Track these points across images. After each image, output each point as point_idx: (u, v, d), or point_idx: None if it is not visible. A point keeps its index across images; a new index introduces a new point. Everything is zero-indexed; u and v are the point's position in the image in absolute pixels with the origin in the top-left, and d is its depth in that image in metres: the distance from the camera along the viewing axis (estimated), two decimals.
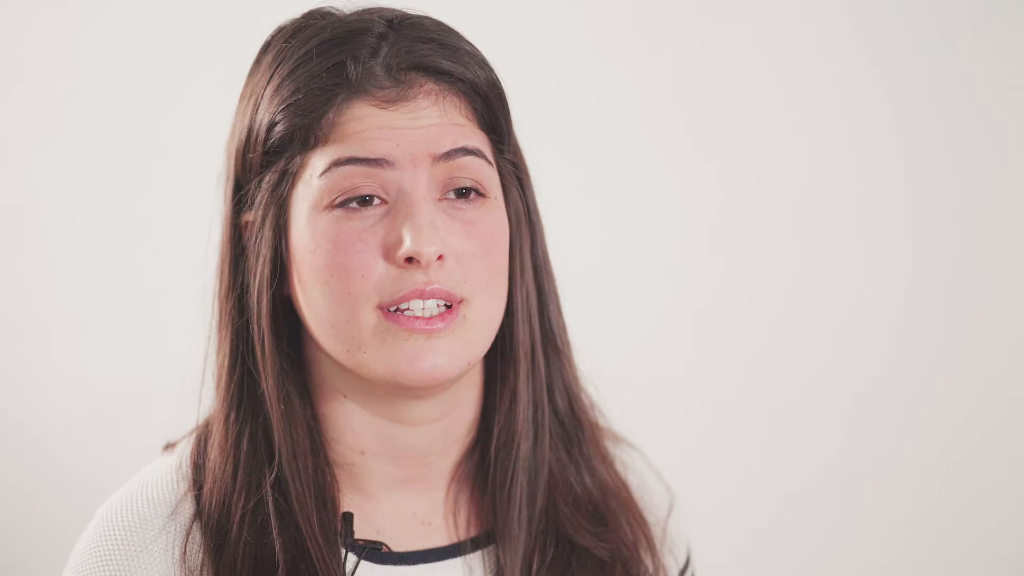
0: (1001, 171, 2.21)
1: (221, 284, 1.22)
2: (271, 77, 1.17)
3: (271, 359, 1.17)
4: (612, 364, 1.41)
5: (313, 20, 1.19)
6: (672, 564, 1.36)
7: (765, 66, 2.22)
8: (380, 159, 1.13)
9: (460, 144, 1.15)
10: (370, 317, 1.13)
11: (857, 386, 2.24)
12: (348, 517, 1.19)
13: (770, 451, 2.25)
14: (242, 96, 1.22)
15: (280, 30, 1.21)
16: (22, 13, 2.18)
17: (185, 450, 1.24)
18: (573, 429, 1.31)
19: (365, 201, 1.14)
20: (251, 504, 1.16)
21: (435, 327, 1.13)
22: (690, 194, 2.25)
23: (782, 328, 2.26)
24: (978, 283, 2.22)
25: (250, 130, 1.18)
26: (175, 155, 2.20)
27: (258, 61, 1.21)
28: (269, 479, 1.17)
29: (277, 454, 1.17)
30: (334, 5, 1.22)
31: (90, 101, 2.20)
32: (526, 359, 1.24)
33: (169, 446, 1.28)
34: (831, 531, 2.25)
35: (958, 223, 2.21)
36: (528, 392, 1.25)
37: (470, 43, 1.19)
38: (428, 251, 1.11)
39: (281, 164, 1.16)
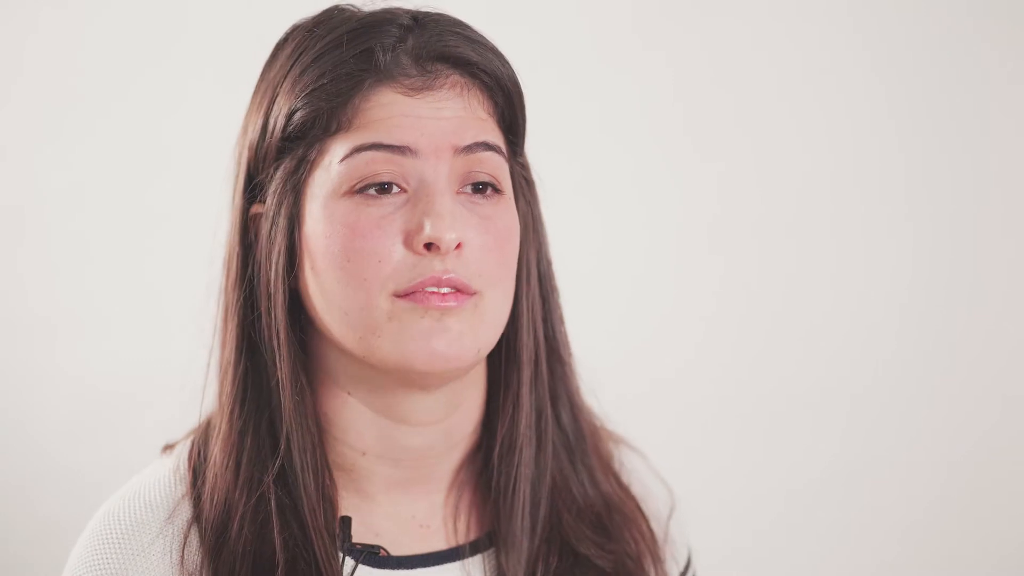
0: (1001, 172, 2.20)
1: (228, 276, 1.21)
2: (291, 67, 1.17)
3: (287, 348, 1.17)
4: (613, 365, 1.41)
5: (333, 14, 1.20)
6: (673, 567, 1.36)
7: (765, 66, 2.22)
8: (404, 147, 1.13)
9: (482, 139, 1.16)
10: (385, 304, 1.13)
11: (857, 387, 2.24)
12: (346, 521, 1.19)
13: (771, 452, 2.25)
14: (256, 91, 1.22)
15: (296, 27, 1.21)
16: (22, 13, 2.18)
17: (183, 452, 1.24)
18: (576, 439, 1.31)
19: (384, 189, 1.14)
20: (252, 501, 1.16)
21: (448, 304, 1.13)
22: (690, 194, 2.25)
23: (783, 329, 2.26)
24: (978, 283, 2.22)
25: (266, 120, 1.18)
26: (176, 155, 2.20)
27: (274, 56, 1.21)
28: (271, 474, 1.17)
29: (283, 447, 1.17)
30: (350, 2, 1.23)
31: (90, 101, 2.20)
32: (529, 365, 1.25)
33: (168, 447, 1.28)
34: (832, 532, 2.25)
35: (958, 223, 2.21)
36: (531, 399, 1.25)
37: (492, 43, 1.20)
38: (448, 237, 1.12)
39: (300, 151, 1.16)
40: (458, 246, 1.13)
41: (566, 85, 2.20)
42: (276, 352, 1.17)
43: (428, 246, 1.12)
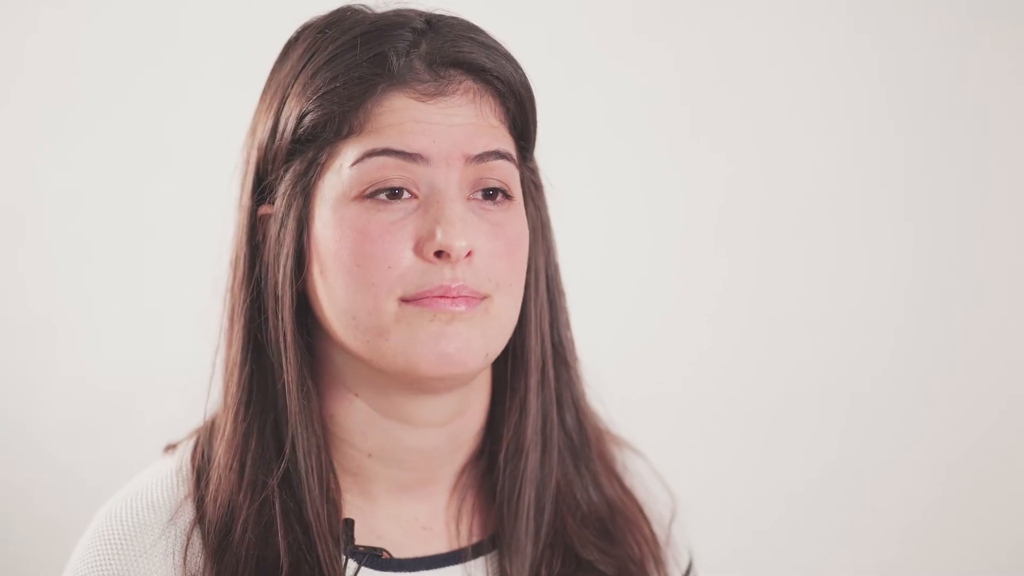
0: (1004, 171, 2.20)
1: (235, 277, 1.21)
2: (302, 68, 1.17)
3: (293, 351, 1.17)
4: (617, 366, 1.41)
5: (345, 15, 1.19)
6: (674, 570, 1.37)
7: (771, 68, 2.22)
8: (415, 154, 1.13)
9: (493, 147, 1.16)
10: (392, 307, 1.13)
11: (858, 388, 2.24)
12: (349, 524, 1.19)
13: (773, 453, 2.25)
14: (265, 91, 1.22)
15: (307, 26, 1.21)
16: (22, 13, 2.18)
17: (185, 452, 1.23)
18: (581, 444, 1.31)
19: (395, 194, 1.14)
20: (257, 503, 1.16)
21: (458, 308, 1.13)
22: (695, 197, 2.25)
23: (786, 331, 2.25)
24: (980, 282, 2.22)
25: (276, 121, 1.17)
26: (176, 155, 2.20)
27: (285, 56, 1.21)
28: (276, 477, 1.16)
29: (288, 451, 1.17)
30: (361, 3, 1.22)
31: (90, 101, 2.20)
32: (537, 370, 1.24)
33: (170, 447, 1.27)
34: (833, 533, 2.25)
35: (961, 224, 2.21)
36: (538, 404, 1.25)
37: (505, 48, 1.20)
38: (459, 245, 1.11)
39: (310, 153, 1.15)
40: (468, 254, 1.13)
41: (569, 86, 2.20)
42: (282, 354, 1.17)
43: (439, 254, 1.12)
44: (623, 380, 1.42)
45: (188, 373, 1.28)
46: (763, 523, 2.26)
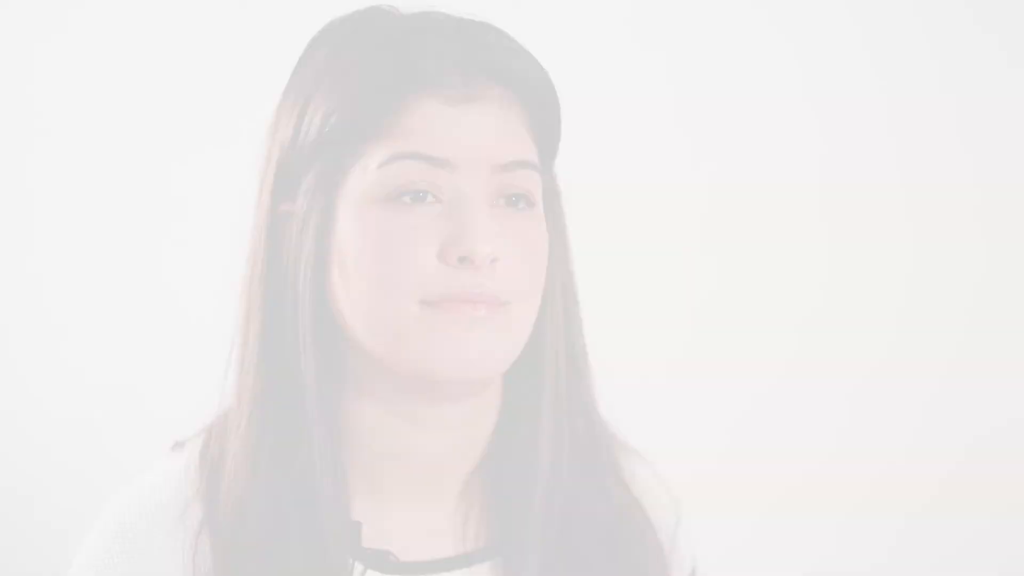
0: (1002, 170, 2.21)
1: (252, 275, 1.20)
2: (330, 67, 1.17)
3: (312, 351, 1.17)
4: (613, 365, 1.41)
5: (374, 15, 1.20)
6: None
7: (766, 63, 2.23)
8: (442, 159, 1.13)
9: (519, 157, 1.16)
10: (413, 309, 1.13)
11: (857, 386, 2.25)
12: (356, 526, 1.19)
13: (770, 452, 2.25)
14: (288, 89, 1.21)
15: (332, 25, 1.20)
16: (23, 12, 2.18)
17: (194, 451, 1.23)
18: (590, 452, 1.31)
19: (419, 197, 1.14)
20: (269, 503, 1.16)
21: (478, 313, 1.13)
22: (688, 194, 2.26)
23: (781, 329, 2.26)
24: (979, 280, 2.22)
25: (301, 119, 1.17)
26: (175, 156, 2.20)
27: (309, 54, 1.21)
28: (290, 478, 1.16)
29: (303, 451, 1.16)
30: (389, 4, 1.22)
31: (90, 101, 2.20)
32: (551, 379, 1.24)
33: (177, 445, 1.27)
34: (831, 531, 2.25)
35: (959, 223, 2.22)
36: (551, 413, 1.25)
37: (534, 56, 1.20)
38: (484, 251, 1.12)
39: (334, 154, 1.15)
40: (492, 261, 1.13)
41: (568, 86, 2.20)
42: (301, 354, 1.17)
43: (462, 259, 1.12)
44: (621, 380, 1.42)
45: (191, 373, 1.28)
46: (762, 523, 2.26)
